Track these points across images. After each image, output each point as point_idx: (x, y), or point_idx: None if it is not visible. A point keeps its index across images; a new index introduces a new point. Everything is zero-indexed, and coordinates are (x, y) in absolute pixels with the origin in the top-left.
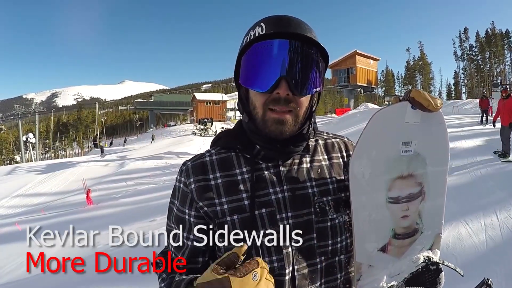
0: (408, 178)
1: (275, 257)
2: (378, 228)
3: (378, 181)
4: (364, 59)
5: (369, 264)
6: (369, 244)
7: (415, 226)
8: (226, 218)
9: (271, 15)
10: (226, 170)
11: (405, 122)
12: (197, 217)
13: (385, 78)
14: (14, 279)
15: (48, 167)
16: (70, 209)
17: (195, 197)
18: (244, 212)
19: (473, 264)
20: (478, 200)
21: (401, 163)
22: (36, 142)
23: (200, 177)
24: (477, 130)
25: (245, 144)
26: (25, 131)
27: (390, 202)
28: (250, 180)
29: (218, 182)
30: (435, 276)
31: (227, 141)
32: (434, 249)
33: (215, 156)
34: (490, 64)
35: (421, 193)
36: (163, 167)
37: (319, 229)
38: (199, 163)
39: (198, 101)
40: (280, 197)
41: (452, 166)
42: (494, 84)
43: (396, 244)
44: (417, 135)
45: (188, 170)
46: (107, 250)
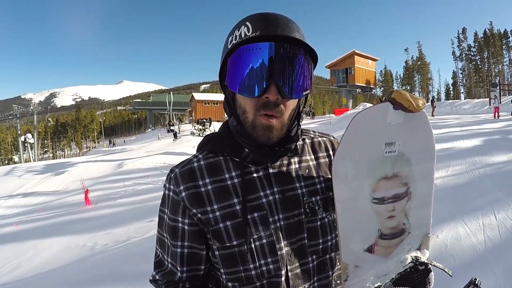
0: (393, 179)
1: (270, 259)
2: (363, 228)
3: (361, 182)
4: (363, 59)
5: (355, 264)
6: (355, 245)
7: (402, 226)
8: (219, 225)
9: (257, 13)
10: (215, 175)
11: (387, 123)
12: (191, 225)
13: (384, 78)
14: (13, 279)
15: (47, 167)
16: (69, 209)
17: (187, 205)
18: (237, 218)
19: (472, 264)
20: (476, 200)
21: (385, 163)
22: (35, 142)
23: (190, 184)
24: (475, 130)
25: (233, 147)
26: (23, 131)
27: (375, 202)
28: (241, 185)
29: (208, 189)
30: (424, 276)
31: (215, 145)
32: (422, 249)
33: (203, 162)
34: (488, 64)
35: (407, 193)
36: (161, 167)
37: (310, 229)
38: (187, 170)
39: (196, 101)
40: (271, 200)
41: (450, 166)
42: (493, 84)
43: (383, 244)
44: (400, 136)
45: (177, 177)
46: (105, 251)
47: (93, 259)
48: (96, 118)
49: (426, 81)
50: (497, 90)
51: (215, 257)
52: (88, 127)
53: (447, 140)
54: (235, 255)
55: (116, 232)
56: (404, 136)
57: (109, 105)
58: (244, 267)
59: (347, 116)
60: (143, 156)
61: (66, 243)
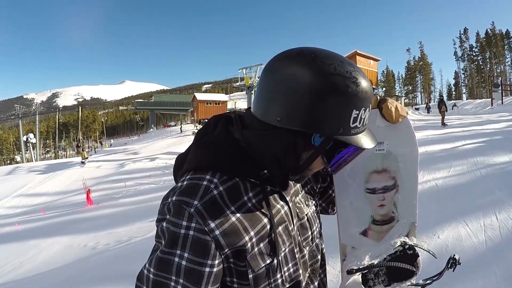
0: (382, 173)
1: (291, 263)
2: (359, 214)
3: (357, 175)
4: (365, 60)
5: (352, 246)
6: (352, 228)
7: (391, 215)
8: (255, 250)
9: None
10: (237, 200)
11: (376, 125)
12: (219, 264)
13: (386, 79)
14: (14, 279)
15: (49, 167)
16: (70, 209)
17: (222, 244)
18: (268, 237)
19: (472, 265)
20: (477, 200)
21: (376, 159)
22: (37, 142)
23: (222, 219)
24: (477, 130)
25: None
26: (25, 131)
27: (368, 192)
28: (261, 203)
29: (238, 217)
30: (413, 260)
31: (236, 168)
32: (410, 237)
33: (221, 187)
34: (490, 64)
35: (395, 186)
36: (163, 167)
37: (302, 225)
38: (210, 201)
39: (198, 101)
40: (287, 209)
41: (452, 166)
42: (495, 84)
43: (375, 229)
44: (388, 137)
45: (201, 213)
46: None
47: (95, 258)
48: (98, 118)
49: (428, 82)
50: (499, 90)
51: (245, 280)
52: (90, 127)
53: (449, 140)
54: (266, 272)
55: (118, 232)
56: (391, 137)
57: (111, 105)
58: (274, 279)
59: None
60: (145, 156)
61: (68, 243)
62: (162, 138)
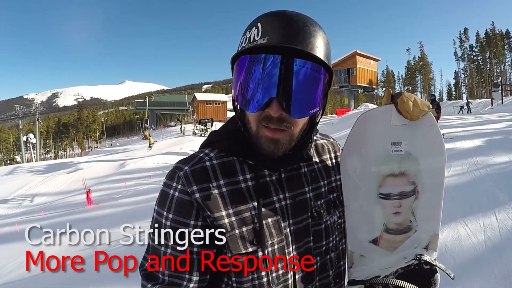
0: (400, 177)
1: (280, 264)
2: (369, 220)
3: (368, 177)
4: (365, 60)
5: (360, 253)
6: (361, 234)
7: (408, 224)
8: (235, 231)
9: (271, 12)
10: (229, 176)
11: (391, 123)
12: (203, 227)
13: (386, 79)
14: (14, 279)
15: (49, 167)
16: (70, 210)
17: (202, 207)
18: (252, 223)
19: (472, 265)
20: (477, 200)
21: (392, 161)
22: (37, 142)
23: (205, 185)
24: (477, 130)
25: (248, 149)
26: (25, 131)
27: (381, 197)
28: (255, 189)
29: (223, 191)
30: (429, 276)
31: (232, 145)
32: (430, 249)
33: (215, 161)
34: (490, 64)
35: (414, 192)
36: (163, 167)
37: (315, 232)
38: (199, 169)
39: (198, 102)
40: (284, 205)
41: (451, 166)
42: (495, 84)
43: (388, 238)
44: (406, 136)
45: (188, 176)
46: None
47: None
48: (98, 118)
49: (428, 82)
50: (499, 90)
51: (226, 265)
52: (90, 127)
53: (449, 140)
54: (248, 262)
55: (118, 232)
56: (411, 137)
57: (111, 105)
58: (257, 274)
59: (348, 117)
60: (145, 156)
61: (68, 243)
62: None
